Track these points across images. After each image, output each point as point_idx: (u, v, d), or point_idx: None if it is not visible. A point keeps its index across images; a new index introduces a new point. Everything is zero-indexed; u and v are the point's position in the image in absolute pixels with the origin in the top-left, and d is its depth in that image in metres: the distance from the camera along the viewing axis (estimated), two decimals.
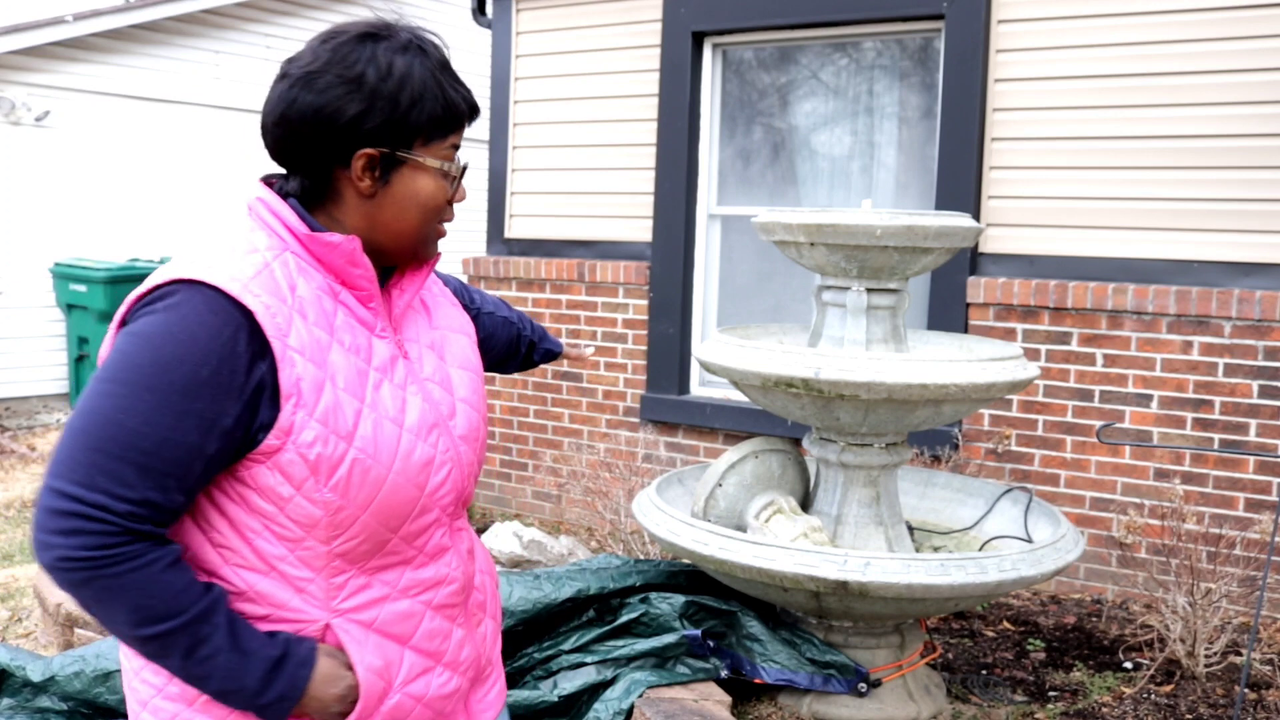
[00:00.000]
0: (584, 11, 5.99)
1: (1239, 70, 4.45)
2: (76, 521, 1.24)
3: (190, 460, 1.27)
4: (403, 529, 1.41)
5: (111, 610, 1.27)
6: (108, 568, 1.25)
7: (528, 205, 6.26)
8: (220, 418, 1.27)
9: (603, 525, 4.92)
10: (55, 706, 3.12)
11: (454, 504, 1.50)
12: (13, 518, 6.07)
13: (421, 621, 1.46)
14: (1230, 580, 3.82)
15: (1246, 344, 4.45)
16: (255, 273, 1.32)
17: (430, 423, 1.43)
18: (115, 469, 1.24)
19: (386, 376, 1.40)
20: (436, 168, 1.40)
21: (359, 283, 1.39)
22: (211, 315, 1.27)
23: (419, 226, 1.43)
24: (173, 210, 9.97)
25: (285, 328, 1.30)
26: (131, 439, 1.24)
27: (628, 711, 3.20)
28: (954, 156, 4.97)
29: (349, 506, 1.34)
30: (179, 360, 1.25)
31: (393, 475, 1.37)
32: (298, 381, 1.30)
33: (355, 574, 1.40)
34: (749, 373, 3.30)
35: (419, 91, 1.36)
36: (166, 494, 1.27)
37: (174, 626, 1.27)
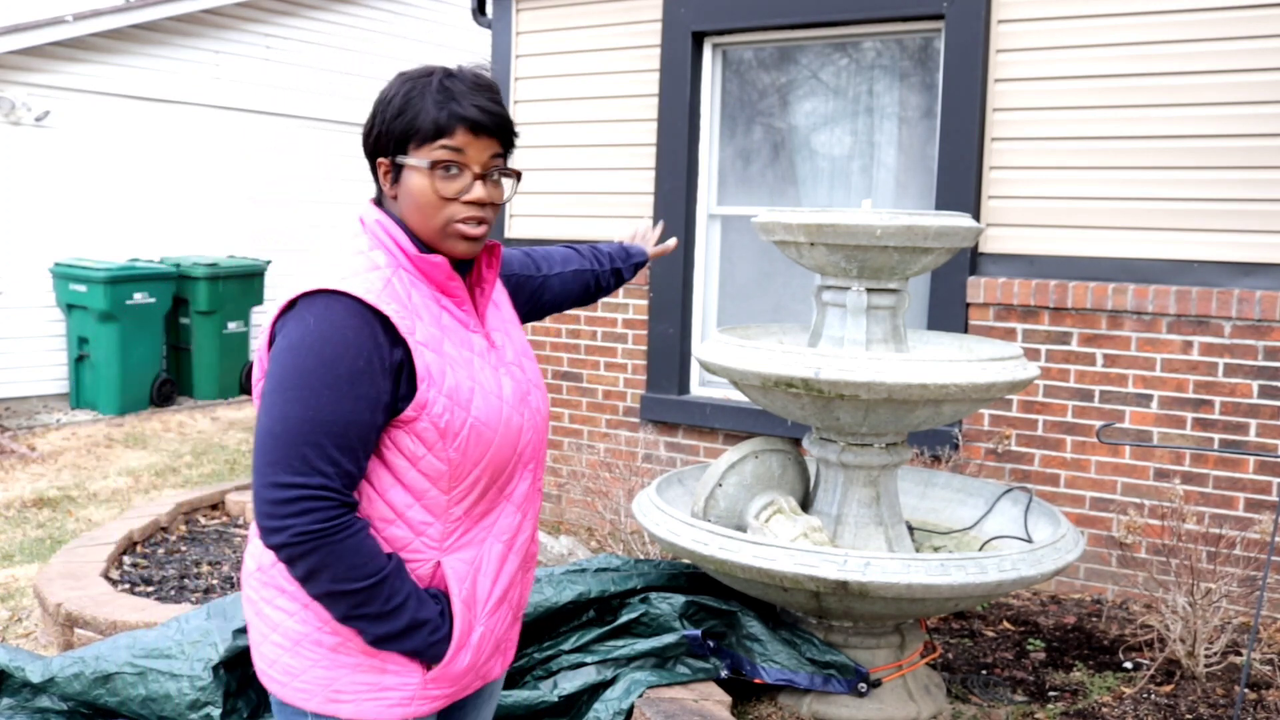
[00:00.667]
0: (584, 11, 5.99)
1: (1239, 70, 4.45)
2: (306, 503, 1.59)
3: (369, 433, 1.64)
4: (500, 482, 1.77)
5: (335, 571, 1.62)
6: (334, 535, 1.61)
7: (528, 205, 6.26)
8: (381, 395, 1.63)
9: (603, 525, 4.92)
10: (55, 706, 3.12)
11: (535, 465, 1.85)
12: (12, 518, 6.06)
13: (505, 563, 1.81)
14: (1230, 580, 3.82)
15: (1246, 344, 4.45)
16: (383, 286, 1.67)
17: (520, 396, 1.80)
18: (322, 453, 1.60)
19: (487, 362, 1.77)
20: (422, 166, 1.69)
21: (454, 291, 1.76)
22: (355, 318, 1.62)
23: (420, 220, 1.72)
24: (173, 210, 9.97)
25: (412, 327, 1.66)
26: (327, 428, 1.60)
27: (628, 711, 3.20)
28: (954, 156, 4.97)
29: (465, 462, 1.70)
30: (340, 358, 1.60)
31: (498, 438, 1.73)
32: (428, 367, 1.66)
33: (464, 519, 1.74)
34: (749, 373, 3.30)
35: (403, 107, 1.70)
36: (358, 464, 1.64)
37: (380, 578, 1.64)
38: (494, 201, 1.74)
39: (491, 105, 1.71)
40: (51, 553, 5.34)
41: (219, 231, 10.32)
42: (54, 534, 5.75)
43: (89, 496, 6.52)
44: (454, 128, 1.69)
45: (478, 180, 1.71)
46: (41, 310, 9.11)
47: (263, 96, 10.44)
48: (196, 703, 3.02)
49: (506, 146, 1.77)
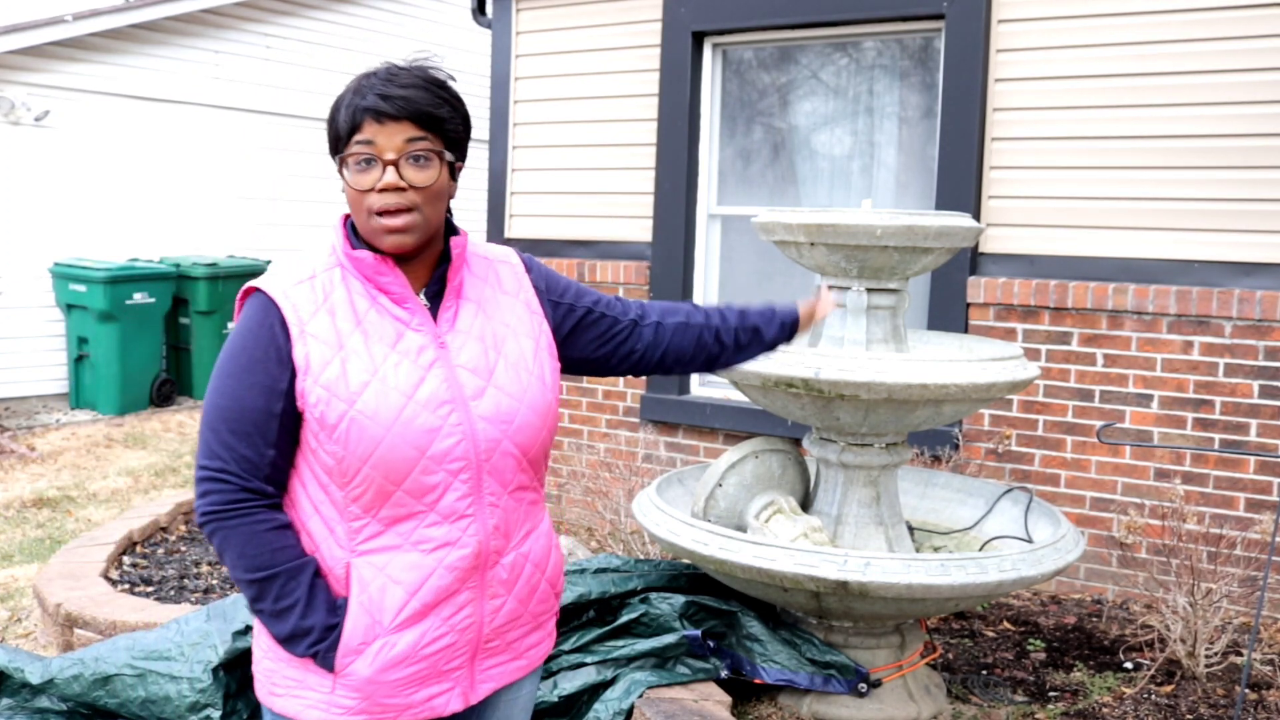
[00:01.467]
0: (584, 11, 5.99)
1: (1239, 70, 4.45)
2: (206, 484, 1.70)
3: (266, 420, 1.68)
4: (406, 484, 1.69)
5: (231, 557, 1.69)
6: (227, 519, 1.68)
7: (528, 205, 6.26)
8: (276, 383, 1.68)
9: (603, 525, 4.92)
10: (54, 707, 3.12)
11: (474, 475, 1.73)
12: (12, 518, 6.06)
13: (430, 576, 1.72)
14: (1231, 580, 3.82)
15: (1247, 344, 4.45)
16: (298, 281, 1.72)
17: (444, 399, 1.71)
18: (219, 438, 1.69)
19: (407, 358, 1.71)
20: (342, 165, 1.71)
21: (389, 288, 1.74)
22: (261, 312, 1.71)
23: (357, 218, 1.73)
24: (172, 210, 9.96)
25: (307, 319, 1.69)
26: (225, 413, 1.69)
27: (628, 711, 3.19)
28: (954, 156, 4.97)
29: (349, 457, 1.67)
30: (242, 348, 1.70)
31: (390, 435, 1.66)
32: (307, 356, 1.68)
33: (370, 521, 1.70)
34: (749, 373, 3.30)
35: (332, 114, 1.73)
36: (256, 449, 1.68)
37: (268, 575, 1.68)
38: (413, 185, 1.68)
39: (399, 90, 1.68)
40: (51, 553, 5.34)
41: (219, 231, 10.32)
42: (54, 534, 5.75)
43: (89, 496, 6.52)
44: (361, 121, 1.68)
45: (388, 167, 1.67)
46: (41, 310, 9.11)
47: (263, 96, 10.44)
48: (196, 705, 3.02)
49: (430, 128, 1.70)
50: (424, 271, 1.80)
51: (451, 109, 1.74)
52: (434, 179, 1.70)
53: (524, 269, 1.94)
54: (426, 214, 1.71)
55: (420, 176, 1.69)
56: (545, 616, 1.91)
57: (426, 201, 1.71)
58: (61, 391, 9.25)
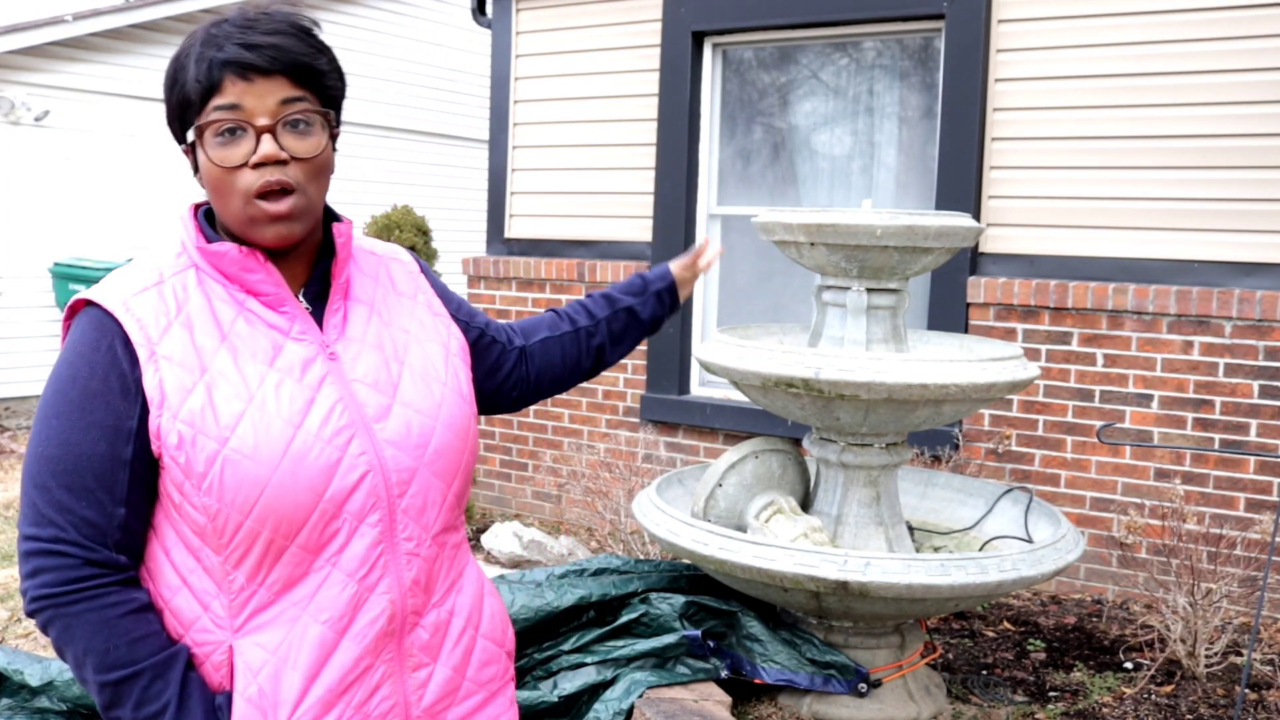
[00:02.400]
0: (584, 11, 5.99)
1: (1239, 70, 4.45)
2: (37, 560, 1.30)
3: (111, 469, 1.31)
4: (302, 538, 1.34)
5: (76, 651, 1.30)
6: (67, 604, 1.30)
7: (528, 205, 6.25)
8: (121, 421, 1.31)
9: (603, 525, 4.92)
10: (54, 707, 3.11)
11: (385, 516, 1.39)
12: (12, 518, 6.06)
13: (334, 654, 1.36)
14: (1231, 580, 3.82)
15: (1247, 344, 4.45)
16: (141, 289, 1.36)
17: (341, 424, 1.37)
18: (49, 497, 1.30)
19: (290, 376, 1.36)
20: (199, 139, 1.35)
21: (261, 288, 1.39)
22: (94, 331, 1.34)
23: (219, 203, 1.37)
24: (172, 210, 9.96)
25: (158, 338, 1.33)
26: (53, 465, 1.31)
27: (628, 712, 3.19)
28: (954, 156, 4.97)
29: (227, 510, 1.31)
30: (71, 379, 1.33)
31: (278, 475, 1.31)
32: (160, 385, 1.31)
33: (257, 589, 1.35)
34: (749, 373, 3.30)
35: (174, 77, 1.36)
36: (101, 509, 1.31)
37: (127, 675, 1.30)
38: (297, 156, 1.34)
39: (266, 38, 1.32)
40: None
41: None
42: None
43: None
44: (220, 80, 1.31)
45: (262, 135, 1.32)
46: (41, 310, 9.11)
47: None
48: None
49: (307, 85, 1.36)
50: (302, 268, 1.46)
51: (328, 60, 1.40)
52: (319, 148, 1.37)
53: (418, 268, 1.62)
54: (311, 194, 1.38)
55: (303, 146, 1.35)
56: (498, 682, 1.56)
57: (310, 178, 1.37)
58: None
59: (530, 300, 6.20)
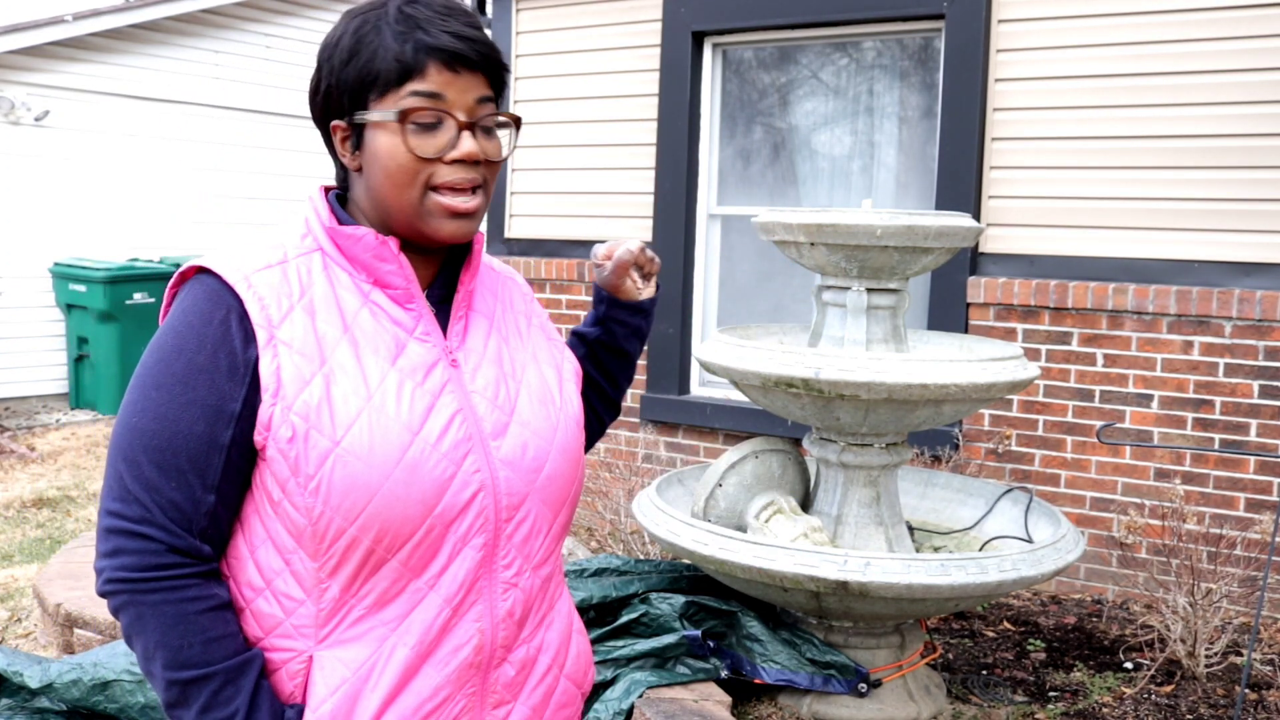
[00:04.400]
0: (584, 11, 5.99)
1: (1239, 70, 4.45)
2: (118, 539, 1.21)
3: (206, 452, 1.21)
4: (404, 553, 1.25)
5: (147, 643, 1.22)
6: (145, 593, 1.21)
7: (528, 205, 6.25)
8: (225, 402, 1.22)
9: (603, 525, 4.92)
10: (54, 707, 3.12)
11: (489, 541, 1.30)
12: (12, 518, 6.06)
13: (414, 679, 1.28)
14: (1231, 580, 3.82)
15: (1247, 344, 4.45)
16: (264, 265, 1.26)
17: (460, 437, 1.28)
18: (138, 474, 1.21)
19: (411, 379, 1.28)
20: (388, 119, 1.26)
21: (392, 280, 1.30)
22: (206, 301, 1.24)
23: (391, 191, 1.28)
24: (172, 210, 9.96)
25: (278, 321, 1.24)
26: (146, 440, 1.21)
27: (628, 711, 3.19)
28: (954, 156, 4.97)
29: (330, 514, 1.22)
30: (178, 350, 1.23)
31: (390, 484, 1.22)
32: (277, 372, 1.22)
33: (349, 600, 1.26)
34: (749, 373, 3.30)
35: (354, 48, 1.27)
36: (191, 493, 1.22)
37: (198, 676, 1.21)
38: (490, 158, 1.30)
39: (471, 31, 1.28)
40: (51, 553, 5.34)
41: (219, 231, 10.32)
42: (53, 534, 5.75)
43: (89, 496, 6.52)
44: (425, 64, 1.25)
45: (465, 131, 1.27)
46: (41, 310, 9.11)
47: (263, 96, 10.43)
48: None
49: (496, 88, 1.32)
50: (428, 270, 1.38)
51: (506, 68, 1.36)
52: (505, 150, 1.34)
53: (530, 292, 1.55)
54: (489, 196, 1.33)
55: (493, 148, 1.31)
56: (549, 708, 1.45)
57: (491, 180, 1.33)
58: (61, 391, 9.24)
59: None
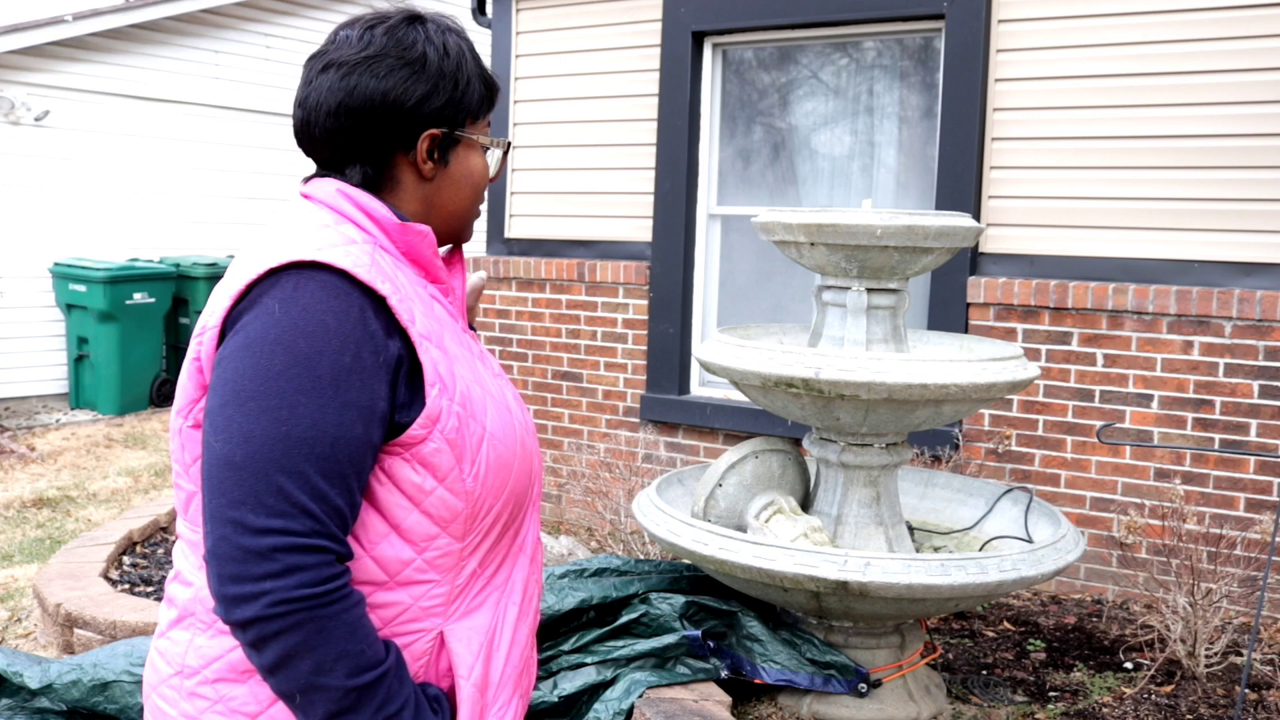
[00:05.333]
0: (584, 11, 5.99)
1: (1239, 70, 4.45)
2: (293, 557, 1.15)
3: (363, 456, 1.21)
4: (515, 521, 1.38)
5: (322, 658, 1.16)
6: (328, 605, 1.16)
7: (528, 205, 6.25)
8: (375, 402, 1.21)
9: (603, 525, 4.92)
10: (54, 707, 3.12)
11: (537, 503, 1.47)
12: (12, 518, 6.06)
13: (518, 630, 1.40)
14: (1231, 580, 3.82)
15: (1247, 344, 4.45)
16: (370, 260, 1.25)
17: (526, 419, 1.41)
18: (305, 484, 1.16)
19: (488, 368, 1.39)
20: (486, 144, 1.42)
21: (441, 276, 1.38)
22: (333, 299, 1.20)
23: (470, 206, 1.43)
24: (173, 210, 9.97)
25: (411, 315, 1.25)
26: (308, 447, 1.16)
27: (628, 712, 3.19)
28: (954, 156, 4.97)
29: (486, 494, 1.29)
30: (318, 352, 1.18)
31: (517, 461, 1.34)
32: (435, 365, 1.25)
33: (479, 574, 1.34)
34: (749, 373, 3.30)
35: (471, 70, 1.38)
36: (351, 498, 1.20)
37: (378, 676, 1.19)
38: None
39: None
40: (51, 553, 5.34)
41: (219, 231, 10.32)
42: (53, 534, 5.75)
43: (88, 496, 6.52)
44: (494, 101, 1.44)
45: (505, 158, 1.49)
46: (41, 310, 9.11)
47: (263, 96, 10.44)
48: None
49: None
50: None
51: None
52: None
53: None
54: None
55: None
56: None
57: None
58: (61, 391, 9.24)
59: (530, 300, 6.20)
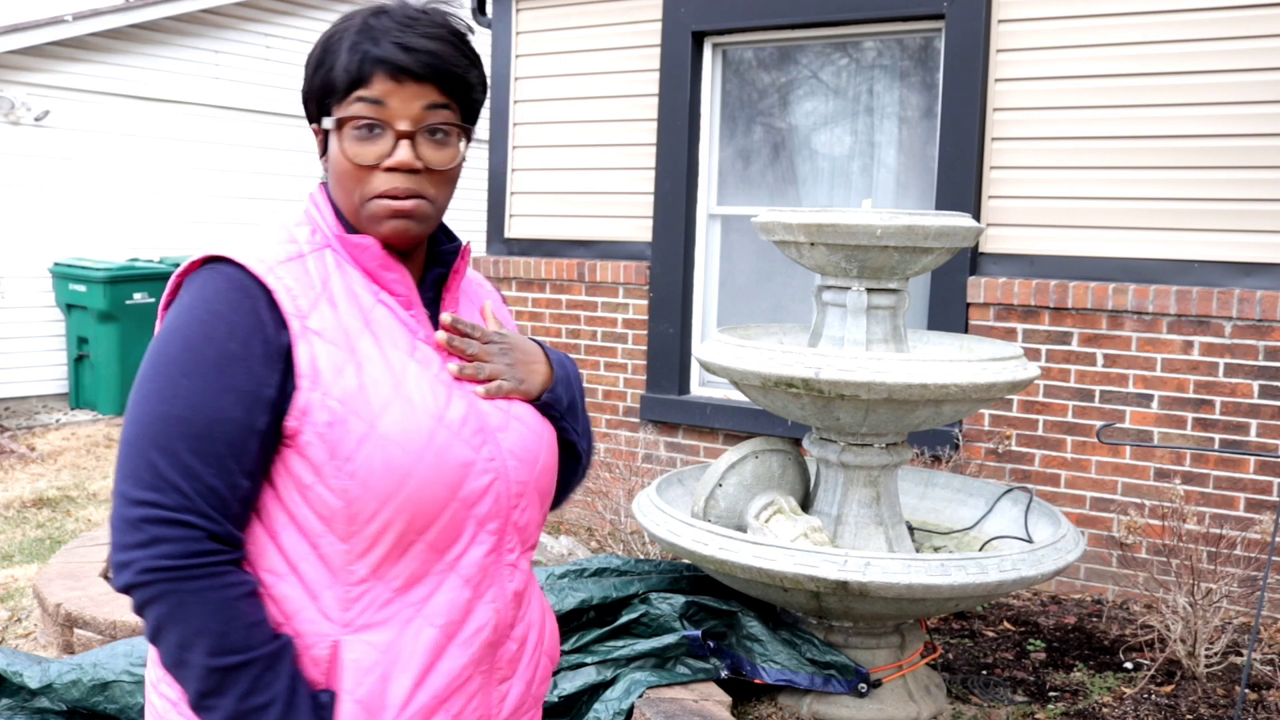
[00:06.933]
0: (584, 11, 5.99)
1: (1239, 70, 4.45)
2: (157, 528, 1.22)
3: (243, 439, 1.25)
4: (431, 534, 1.31)
5: (185, 631, 1.22)
6: (187, 580, 1.21)
7: (528, 205, 6.25)
8: (261, 389, 1.25)
9: (603, 525, 4.92)
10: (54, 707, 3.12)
11: (500, 526, 1.38)
12: (12, 518, 6.06)
13: (441, 659, 1.33)
14: (1231, 580, 3.82)
15: (1247, 344, 4.45)
16: (286, 258, 1.31)
17: (476, 426, 1.35)
18: (176, 461, 1.22)
19: (429, 369, 1.35)
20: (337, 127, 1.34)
21: (394, 287, 1.37)
22: (230, 290, 1.27)
23: (341, 194, 1.36)
24: (172, 210, 9.96)
25: (307, 310, 1.29)
26: (183, 426, 1.23)
27: (628, 712, 3.19)
28: (954, 156, 4.97)
29: (366, 495, 1.27)
30: (207, 339, 1.25)
31: (422, 468, 1.29)
32: (314, 361, 1.27)
33: (375, 584, 1.30)
34: (749, 373, 3.30)
35: (321, 58, 1.34)
36: (229, 479, 1.24)
37: (241, 661, 1.23)
38: (431, 166, 1.34)
39: (424, 42, 1.32)
40: (51, 553, 5.34)
41: (219, 231, 10.31)
42: (53, 534, 5.75)
43: (89, 496, 6.52)
44: (370, 74, 1.30)
45: (402, 140, 1.32)
46: (41, 310, 9.11)
47: (263, 96, 10.44)
48: None
49: (453, 95, 1.35)
50: (415, 273, 1.45)
51: (478, 72, 1.39)
52: (453, 160, 1.37)
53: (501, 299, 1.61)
54: (439, 202, 1.38)
55: (439, 156, 1.35)
56: (541, 698, 1.55)
57: (439, 187, 1.37)
58: (61, 391, 9.24)
59: (530, 300, 6.20)
